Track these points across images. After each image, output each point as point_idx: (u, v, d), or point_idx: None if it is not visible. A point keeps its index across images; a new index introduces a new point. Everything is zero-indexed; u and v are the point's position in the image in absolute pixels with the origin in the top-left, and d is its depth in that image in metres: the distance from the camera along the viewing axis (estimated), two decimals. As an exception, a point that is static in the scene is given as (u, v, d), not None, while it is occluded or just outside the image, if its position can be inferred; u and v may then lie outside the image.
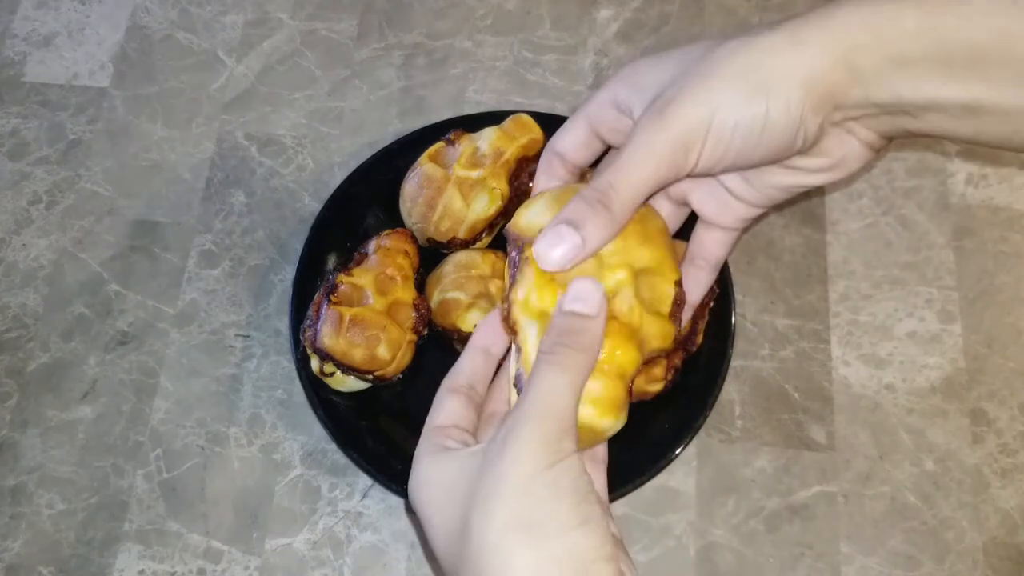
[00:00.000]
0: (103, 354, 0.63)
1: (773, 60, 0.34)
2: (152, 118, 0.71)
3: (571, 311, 0.34)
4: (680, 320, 0.39)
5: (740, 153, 0.35)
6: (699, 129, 0.34)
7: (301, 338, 0.57)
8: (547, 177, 0.41)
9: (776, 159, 0.36)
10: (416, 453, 0.37)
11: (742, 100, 0.34)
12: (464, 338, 0.57)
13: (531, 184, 0.53)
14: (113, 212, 0.67)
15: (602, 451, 0.40)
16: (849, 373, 0.62)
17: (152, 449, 0.60)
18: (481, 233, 0.60)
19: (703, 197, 0.41)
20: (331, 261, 0.61)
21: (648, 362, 0.38)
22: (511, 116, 0.61)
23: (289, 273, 0.64)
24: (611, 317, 0.36)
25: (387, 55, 0.72)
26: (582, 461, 0.32)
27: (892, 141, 0.37)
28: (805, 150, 0.35)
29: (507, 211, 0.60)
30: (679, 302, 0.38)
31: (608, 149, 0.41)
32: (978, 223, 0.66)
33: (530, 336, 0.36)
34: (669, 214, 0.43)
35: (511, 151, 0.59)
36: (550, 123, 0.59)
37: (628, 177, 0.35)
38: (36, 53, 0.73)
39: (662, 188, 0.37)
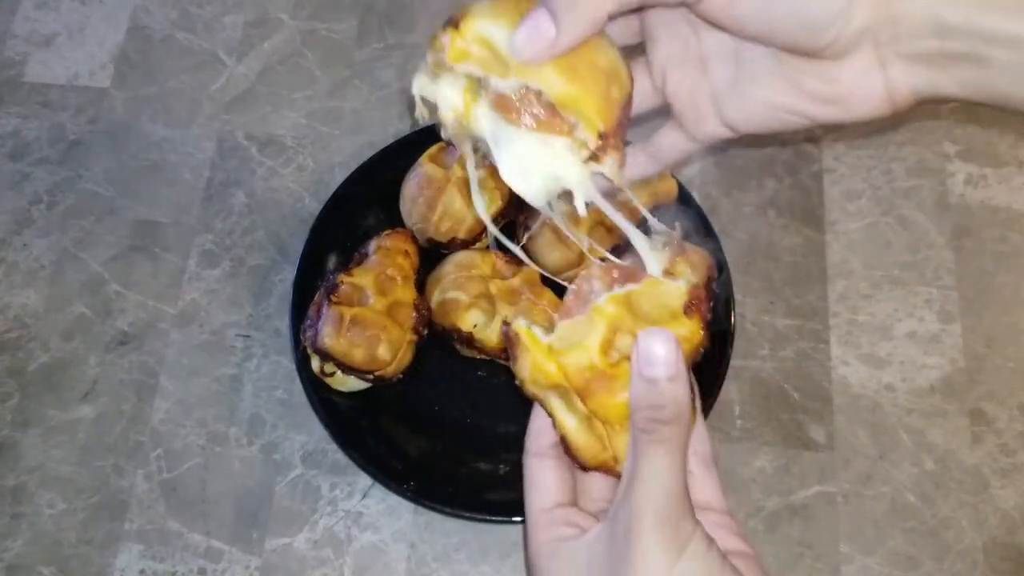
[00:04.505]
0: (103, 354, 0.63)
1: None
2: (152, 118, 0.71)
3: (650, 378, 0.32)
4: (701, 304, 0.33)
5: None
6: None
7: (301, 338, 0.57)
8: None
9: (795, 37, 0.30)
10: (530, 547, 0.35)
11: None
12: (464, 338, 0.57)
13: None
14: (113, 212, 0.67)
15: (703, 450, 0.38)
16: (849, 373, 0.62)
17: (152, 449, 0.60)
18: (481, 233, 0.60)
19: (681, 85, 0.35)
20: (331, 261, 0.62)
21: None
22: (511, 116, 0.61)
23: (289, 273, 0.64)
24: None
25: (387, 55, 0.72)
26: (705, 533, 0.31)
27: (919, 105, 0.32)
28: (830, 51, 0.30)
29: (507, 211, 0.60)
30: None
31: None
32: (977, 223, 0.66)
33: (556, 407, 0.35)
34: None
35: (511, 151, 0.59)
36: (550, 123, 0.60)
37: None
38: (37, 53, 0.73)
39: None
